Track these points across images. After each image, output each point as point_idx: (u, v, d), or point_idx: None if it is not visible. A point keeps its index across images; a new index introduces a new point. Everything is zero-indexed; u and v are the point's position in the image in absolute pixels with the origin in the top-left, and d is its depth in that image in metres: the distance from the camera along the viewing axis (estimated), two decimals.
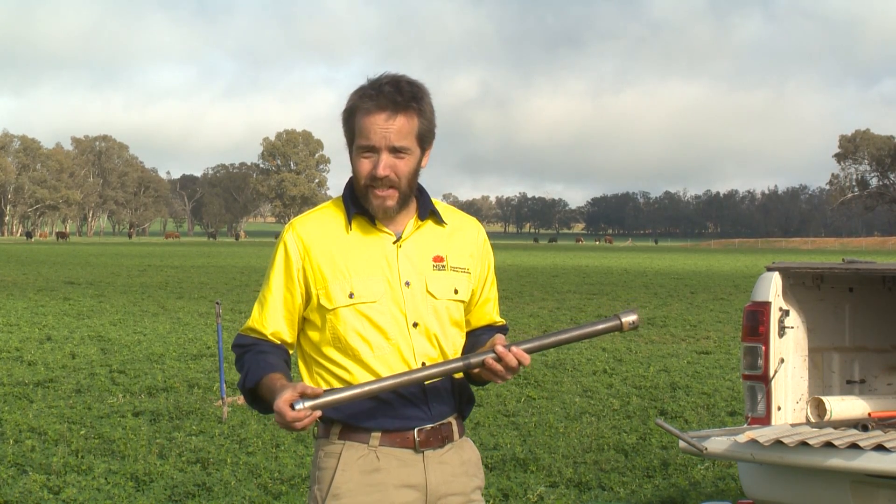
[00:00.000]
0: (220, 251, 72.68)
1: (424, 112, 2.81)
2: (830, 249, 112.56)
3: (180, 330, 16.60)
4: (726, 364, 12.92)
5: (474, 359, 2.72)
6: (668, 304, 23.70)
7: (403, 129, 2.77)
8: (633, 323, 2.75)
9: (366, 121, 2.77)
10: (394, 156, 2.78)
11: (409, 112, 2.78)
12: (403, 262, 2.84)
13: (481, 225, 3.05)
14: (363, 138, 2.78)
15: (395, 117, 2.76)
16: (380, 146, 2.77)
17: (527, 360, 2.73)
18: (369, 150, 2.78)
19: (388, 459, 2.81)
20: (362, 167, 2.80)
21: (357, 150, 2.80)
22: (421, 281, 2.84)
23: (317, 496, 2.83)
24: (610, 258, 64.48)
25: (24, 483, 6.72)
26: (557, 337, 2.76)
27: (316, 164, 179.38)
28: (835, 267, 5.23)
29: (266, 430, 8.37)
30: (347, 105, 2.83)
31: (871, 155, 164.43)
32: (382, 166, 2.77)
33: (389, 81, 2.78)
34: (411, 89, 2.79)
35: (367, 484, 2.80)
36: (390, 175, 2.78)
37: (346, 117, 2.84)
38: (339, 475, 2.80)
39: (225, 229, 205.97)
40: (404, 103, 2.77)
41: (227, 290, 27.73)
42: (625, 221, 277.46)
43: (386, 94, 2.75)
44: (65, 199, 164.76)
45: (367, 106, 2.77)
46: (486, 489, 6.59)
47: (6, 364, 12.36)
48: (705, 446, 4.61)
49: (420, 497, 2.83)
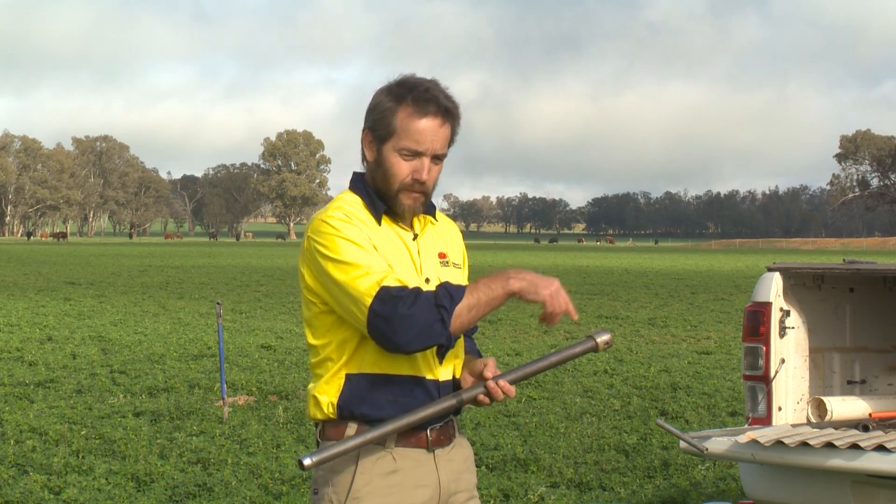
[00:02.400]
0: (221, 251, 72.67)
1: (459, 121, 2.87)
2: (831, 250, 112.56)
3: (181, 330, 16.61)
4: (727, 364, 12.92)
5: (465, 395, 2.78)
6: (669, 304, 23.70)
7: (447, 137, 2.83)
8: (608, 342, 2.82)
9: (418, 124, 2.77)
10: (432, 162, 2.82)
11: (454, 121, 2.84)
12: (423, 258, 2.87)
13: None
14: (411, 141, 2.78)
15: (445, 125, 2.81)
16: (427, 152, 2.79)
17: (512, 394, 2.78)
18: (414, 154, 2.80)
19: (404, 460, 2.81)
20: (401, 168, 2.80)
21: (399, 150, 2.80)
22: (435, 277, 2.87)
23: (332, 499, 2.80)
24: (610, 258, 64.46)
25: (25, 483, 6.72)
26: (538, 365, 2.81)
27: (317, 164, 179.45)
28: (835, 267, 5.23)
29: (267, 431, 8.38)
30: (386, 103, 2.81)
31: (872, 155, 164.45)
32: (426, 171, 2.80)
33: (438, 89, 2.81)
34: (454, 100, 2.84)
35: (386, 486, 2.79)
36: (429, 181, 2.82)
37: (384, 114, 2.81)
38: (358, 478, 2.78)
39: (226, 229, 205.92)
40: (454, 113, 2.82)
41: (228, 290, 27.74)
42: (625, 222, 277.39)
43: (440, 102, 2.78)
44: (65, 200, 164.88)
45: (422, 111, 2.77)
46: (486, 489, 6.61)
47: (7, 364, 12.36)
48: (706, 447, 4.61)
49: (434, 495, 2.85)
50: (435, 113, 2.78)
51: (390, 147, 2.80)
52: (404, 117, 2.78)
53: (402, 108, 2.78)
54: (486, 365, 2.82)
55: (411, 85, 2.80)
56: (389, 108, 2.80)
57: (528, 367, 2.80)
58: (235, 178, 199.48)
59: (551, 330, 17.39)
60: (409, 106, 2.78)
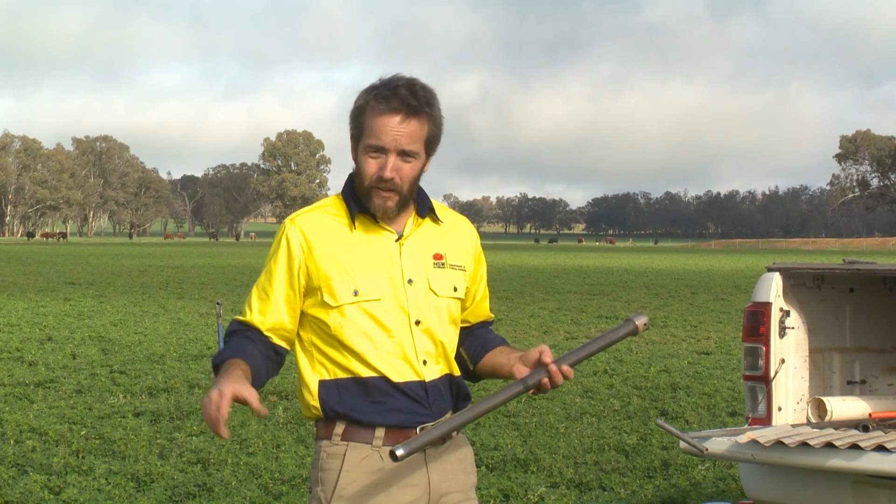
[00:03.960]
0: (221, 251, 72.69)
1: (435, 118, 2.81)
2: (831, 250, 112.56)
3: (181, 330, 16.60)
4: (727, 364, 12.92)
5: (531, 380, 2.75)
6: (669, 304, 23.70)
7: (415, 133, 2.77)
8: (646, 325, 2.85)
9: (378, 121, 2.75)
10: (401, 159, 2.78)
11: (422, 117, 2.78)
12: (406, 259, 2.85)
13: (472, 225, 3.08)
14: (373, 138, 2.77)
15: (408, 121, 2.76)
16: (389, 148, 2.76)
17: (571, 376, 2.76)
18: (377, 151, 2.77)
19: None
20: (368, 166, 2.79)
21: (365, 148, 2.79)
22: (423, 279, 2.85)
23: (320, 497, 2.82)
24: (610, 258, 64.46)
25: (25, 483, 6.72)
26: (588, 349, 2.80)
27: (317, 164, 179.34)
28: (835, 267, 5.23)
29: (267, 431, 8.38)
30: (358, 102, 2.81)
31: (872, 155, 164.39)
32: (389, 168, 2.77)
33: (405, 84, 2.77)
34: (426, 94, 2.78)
35: (372, 484, 2.80)
36: (395, 178, 2.78)
37: (355, 114, 2.82)
38: (343, 476, 2.80)
39: (226, 230, 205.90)
40: (419, 107, 2.76)
41: (228, 290, 27.73)
42: (625, 222, 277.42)
43: (402, 96, 2.74)
44: (66, 200, 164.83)
45: (382, 107, 2.75)
46: (486, 490, 6.60)
47: (7, 364, 12.36)
48: (706, 447, 4.61)
49: (423, 495, 2.84)
50: (396, 108, 2.74)
51: (361, 147, 2.81)
52: (369, 114, 2.77)
53: (368, 106, 2.78)
54: (542, 352, 2.80)
55: (383, 83, 2.78)
56: (360, 107, 2.80)
57: (580, 352, 2.79)
58: (235, 178, 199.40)
59: (551, 330, 17.39)
60: (372, 102, 2.77)
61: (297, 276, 2.84)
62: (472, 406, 2.74)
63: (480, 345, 3.00)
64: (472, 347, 3.01)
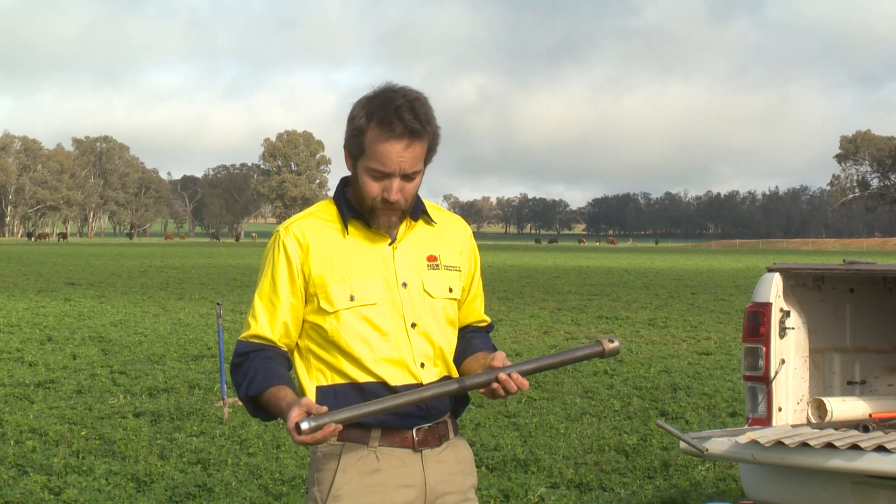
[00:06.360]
0: (221, 251, 72.69)
1: (435, 131, 2.81)
2: (831, 250, 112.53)
3: (181, 331, 16.60)
4: (727, 365, 12.91)
5: (469, 381, 2.72)
6: (669, 304, 23.69)
7: (418, 155, 2.77)
8: (616, 350, 2.78)
9: (382, 147, 2.73)
10: (405, 181, 2.78)
11: (424, 138, 2.77)
12: (400, 263, 2.86)
13: (466, 223, 3.07)
14: (377, 163, 2.75)
15: (412, 146, 2.74)
16: (395, 173, 2.75)
17: (525, 387, 2.72)
18: (381, 174, 2.77)
19: (388, 459, 2.82)
20: (371, 188, 2.78)
21: (367, 170, 2.77)
22: (417, 281, 2.86)
23: (316, 498, 2.83)
24: (611, 259, 64.45)
25: (25, 484, 6.72)
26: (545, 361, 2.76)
27: (317, 164, 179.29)
28: (836, 268, 5.23)
29: (267, 431, 8.37)
30: (357, 121, 2.77)
31: (872, 156, 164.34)
32: (395, 192, 2.77)
33: (405, 105, 2.73)
34: (425, 111, 2.76)
35: (368, 485, 2.80)
36: (400, 199, 2.78)
37: (355, 132, 2.78)
38: (339, 476, 2.81)
39: (226, 230, 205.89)
40: (422, 131, 2.75)
41: (228, 290, 27.73)
42: (626, 222, 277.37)
43: (405, 121, 2.71)
44: (66, 200, 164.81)
45: (385, 134, 2.72)
46: (486, 490, 6.60)
47: (7, 365, 12.36)
48: (706, 447, 4.61)
49: (419, 496, 2.84)
50: (400, 135, 2.72)
51: (361, 165, 2.79)
52: (371, 139, 2.74)
53: (369, 128, 2.74)
54: (495, 357, 2.79)
55: (381, 102, 2.74)
56: (359, 127, 2.77)
57: (538, 362, 2.75)
58: (235, 178, 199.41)
59: (551, 331, 17.39)
60: (375, 127, 2.73)
61: (298, 283, 2.84)
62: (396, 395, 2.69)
63: (462, 350, 2.99)
64: (456, 353, 2.99)
